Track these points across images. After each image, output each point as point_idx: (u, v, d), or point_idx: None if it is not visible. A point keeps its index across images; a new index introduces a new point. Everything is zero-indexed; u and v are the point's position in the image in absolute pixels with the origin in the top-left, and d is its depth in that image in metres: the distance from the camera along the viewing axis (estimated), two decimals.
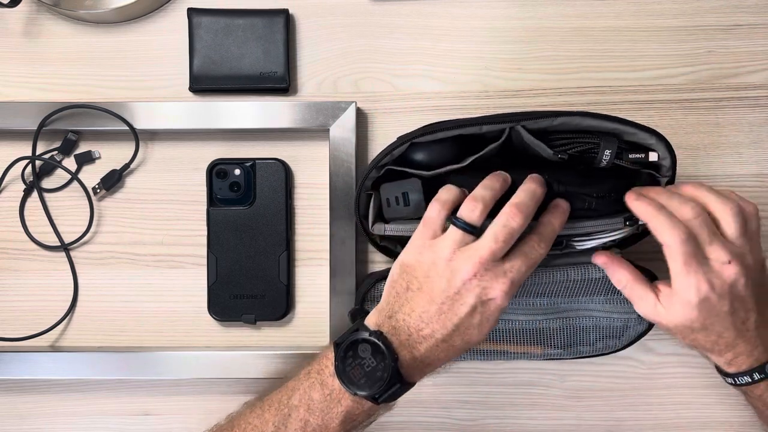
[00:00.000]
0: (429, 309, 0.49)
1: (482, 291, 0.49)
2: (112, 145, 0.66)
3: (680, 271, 0.49)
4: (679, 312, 0.50)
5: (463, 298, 0.49)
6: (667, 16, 0.67)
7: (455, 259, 0.49)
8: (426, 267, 0.50)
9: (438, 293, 0.49)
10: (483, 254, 0.48)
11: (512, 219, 0.49)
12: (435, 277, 0.49)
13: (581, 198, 0.53)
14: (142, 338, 0.66)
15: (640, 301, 0.53)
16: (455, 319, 0.49)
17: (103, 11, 0.65)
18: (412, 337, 0.49)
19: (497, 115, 0.54)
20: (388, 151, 0.54)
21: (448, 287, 0.49)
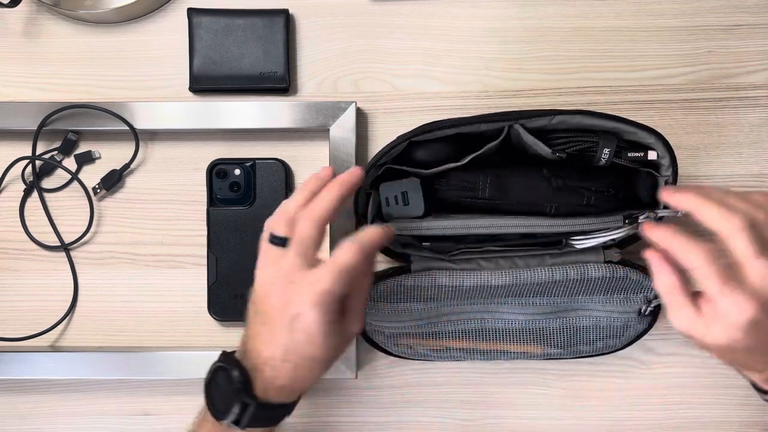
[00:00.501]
0: (262, 332, 0.48)
1: (290, 306, 0.47)
2: (112, 145, 0.66)
3: (719, 292, 0.42)
4: (722, 334, 0.43)
5: (278, 318, 0.47)
6: (667, 16, 0.67)
7: (270, 280, 0.48)
8: (259, 290, 0.49)
9: (265, 315, 0.48)
10: (286, 267, 0.47)
11: (302, 224, 0.48)
12: (263, 299, 0.49)
13: (579, 193, 0.54)
14: (142, 338, 0.66)
15: (678, 312, 0.45)
16: (280, 338, 0.47)
17: (103, 11, 0.65)
18: (259, 360, 0.48)
19: (495, 113, 0.54)
20: (387, 150, 0.55)
21: (271, 308, 0.48)
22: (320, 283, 0.46)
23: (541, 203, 0.54)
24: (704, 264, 0.43)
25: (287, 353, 0.48)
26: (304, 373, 0.49)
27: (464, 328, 0.61)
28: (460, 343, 0.61)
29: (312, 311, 0.46)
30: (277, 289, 0.47)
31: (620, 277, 0.58)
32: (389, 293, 0.59)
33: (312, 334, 0.47)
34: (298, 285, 0.47)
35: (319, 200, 0.49)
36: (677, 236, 0.45)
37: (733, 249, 0.43)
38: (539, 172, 0.54)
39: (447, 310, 0.60)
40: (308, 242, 0.48)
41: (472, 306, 0.60)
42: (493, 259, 0.59)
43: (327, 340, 0.47)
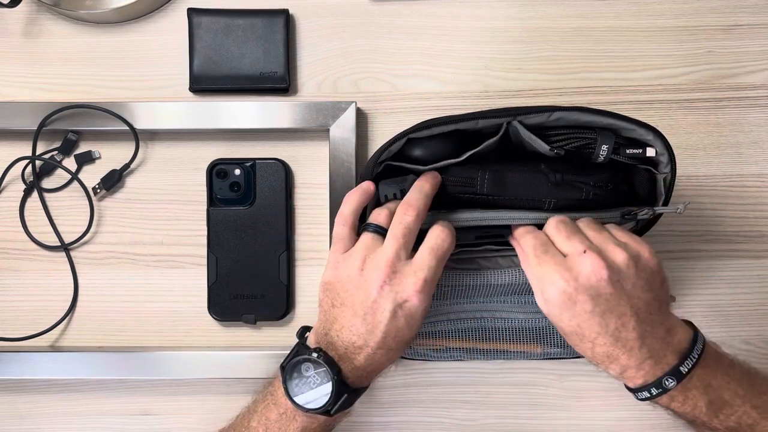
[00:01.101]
0: (354, 322, 0.49)
1: (396, 295, 0.48)
2: (112, 145, 0.66)
3: (534, 263, 0.48)
4: (546, 309, 0.48)
5: (381, 305, 0.48)
6: (667, 16, 0.67)
7: (366, 268, 0.49)
8: (344, 281, 0.50)
9: (359, 306, 0.49)
10: (388, 256, 0.48)
11: (405, 215, 0.49)
12: (353, 290, 0.50)
13: (578, 187, 0.53)
14: (142, 338, 0.66)
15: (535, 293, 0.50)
16: (381, 327, 0.49)
17: (103, 11, 0.65)
18: (348, 350, 0.50)
19: (494, 110, 0.54)
20: (386, 147, 0.54)
21: (366, 298, 0.49)
22: (424, 270, 0.48)
23: (539, 198, 0.54)
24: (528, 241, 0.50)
25: (386, 340, 0.49)
26: (394, 356, 0.51)
27: (464, 328, 0.61)
28: (459, 343, 0.61)
29: (418, 297, 0.48)
30: (377, 278, 0.48)
31: None
32: None
33: (415, 320, 0.49)
34: (404, 274, 0.48)
35: (419, 194, 0.51)
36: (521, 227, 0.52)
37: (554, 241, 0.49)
38: (537, 167, 0.54)
39: (446, 309, 0.60)
40: (414, 232, 0.50)
41: (472, 305, 0.60)
42: (493, 258, 0.58)
43: (420, 326, 0.50)
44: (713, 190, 0.66)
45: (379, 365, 0.51)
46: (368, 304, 0.49)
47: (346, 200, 0.52)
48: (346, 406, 0.50)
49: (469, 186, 0.54)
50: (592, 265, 0.46)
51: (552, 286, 0.47)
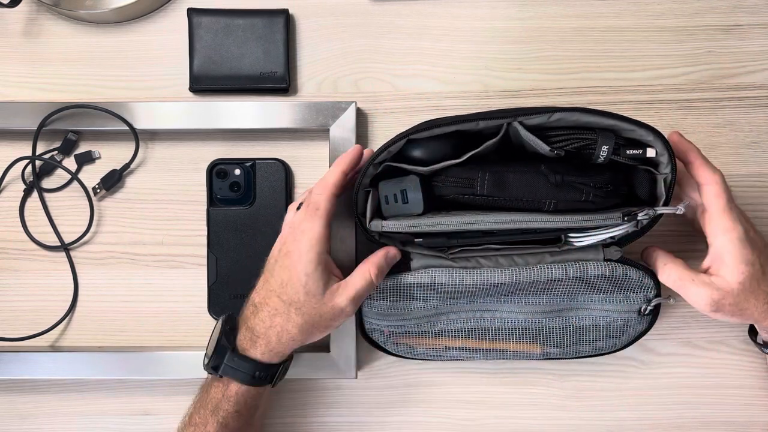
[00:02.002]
0: (259, 281, 0.55)
1: (284, 247, 0.54)
2: (112, 145, 0.66)
3: (724, 207, 0.52)
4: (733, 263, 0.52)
5: (275, 258, 0.54)
6: (667, 16, 0.67)
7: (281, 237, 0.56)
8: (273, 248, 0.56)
9: (267, 264, 0.55)
10: (294, 221, 0.54)
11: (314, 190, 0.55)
12: (272, 254, 0.55)
13: (578, 189, 0.53)
14: (142, 338, 0.66)
15: (695, 285, 0.53)
16: (271, 279, 0.54)
17: (103, 11, 0.65)
18: (248, 310, 0.55)
19: (494, 110, 0.54)
20: (386, 148, 0.55)
21: (270, 256, 0.55)
22: (302, 224, 0.54)
23: (540, 199, 0.54)
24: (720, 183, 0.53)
25: (270, 294, 0.53)
26: (280, 321, 0.53)
27: (464, 327, 0.61)
28: (459, 342, 0.61)
29: (295, 246, 0.53)
30: (281, 239, 0.55)
31: (620, 275, 0.58)
32: (388, 291, 0.59)
33: (294, 271, 0.52)
34: (295, 231, 0.54)
35: (327, 172, 0.56)
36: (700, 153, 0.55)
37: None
38: (537, 168, 0.54)
39: (446, 309, 0.60)
40: (312, 202, 0.54)
41: (472, 305, 0.60)
42: (493, 258, 0.58)
43: (307, 283, 0.52)
44: None
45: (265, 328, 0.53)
46: (270, 261, 0.55)
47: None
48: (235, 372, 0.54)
49: (469, 187, 0.54)
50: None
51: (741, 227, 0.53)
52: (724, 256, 0.53)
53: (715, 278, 0.53)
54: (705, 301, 0.53)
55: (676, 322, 0.66)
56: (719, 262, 0.53)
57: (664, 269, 0.56)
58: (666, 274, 0.55)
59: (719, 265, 0.53)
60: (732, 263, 0.52)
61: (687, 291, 0.54)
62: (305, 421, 0.67)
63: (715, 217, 0.53)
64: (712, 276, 0.53)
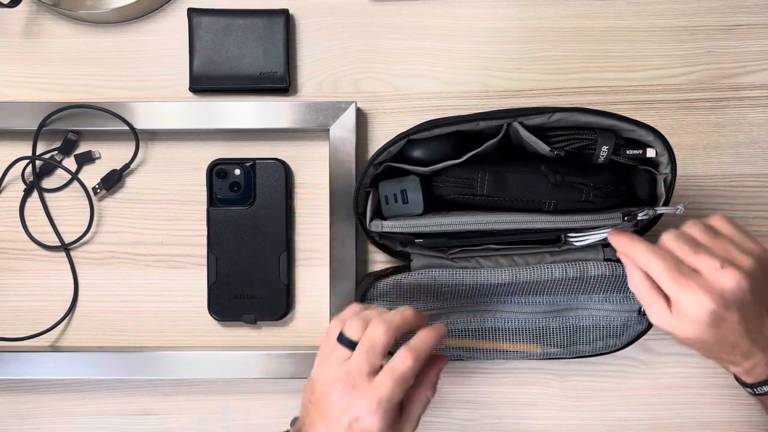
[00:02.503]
0: (318, 424, 0.50)
1: (351, 409, 0.49)
2: (112, 145, 0.66)
3: (674, 289, 0.47)
4: (689, 328, 0.47)
5: (339, 415, 0.49)
6: (667, 16, 0.67)
7: (332, 379, 0.50)
8: (320, 382, 0.51)
9: (323, 410, 0.50)
10: (351, 370, 0.49)
11: (375, 328, 0.50)
12: (324, 393, 0.50)
13: (578, 189, 0.53)
14: (142, 338, 0.66)
15: (651, 308, 0.49)
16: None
17: (103, 11, 0.65)
18: None
19: (494, 111, 0.54)
20: (386, 148, 0.55)
21: (330, 404, 0.50)
22: (381, 391, 0.48)
23: (540, 200, 0.54)
24: (658, 264, 0.47)
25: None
26: None
27: (464, 327, 0.61)
28: (460, 342, 0.61)
29: (372, 417, 0.48)
30: (338, 390, 0.49)
31: (619, 275, 0.58)
32: (389, 291, 0.59)
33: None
34: (361, 390, 0.49)
35: (397, 315, 0.51)
36: (636, 244, 0.49)
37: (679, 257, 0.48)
38: (537, 169, 0.54)
39: (446, 310, 0.60)
40: (379, 349, 0.49)
41: (472, 305, 0.60)
42: (493, 258, 0.59)
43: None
44: (713, 190, 0.66)
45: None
46: (329, 411, 0.49)
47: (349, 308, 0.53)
48: None
49: (469, 187, 0.55)
50: (735, 279, 0.46)
51: (698, 307, 0.46)
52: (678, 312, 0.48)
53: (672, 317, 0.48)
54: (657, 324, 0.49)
55: None
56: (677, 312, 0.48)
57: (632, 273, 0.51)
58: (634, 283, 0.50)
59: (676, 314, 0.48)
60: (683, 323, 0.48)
61: (646, 308, 0.50)
62: None
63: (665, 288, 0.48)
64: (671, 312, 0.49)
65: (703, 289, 0.46)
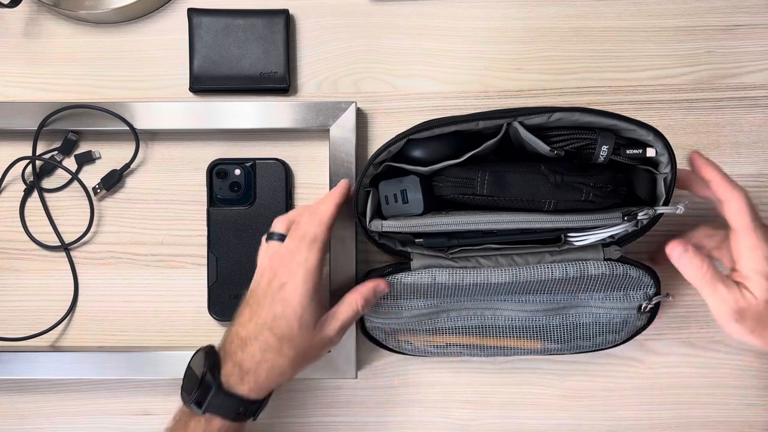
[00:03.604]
0: (244, 312, 0.52)
1: (275, 281, 0.50)
2: (112, 145, 0.66)
3: (750, 225, 0.50)
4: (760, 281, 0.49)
5: (264, 293, 0.51)
6: (667, 16, 0.67)
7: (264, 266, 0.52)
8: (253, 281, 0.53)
9: (252, 296, 0.52)
10: (282, 252, 0.51)
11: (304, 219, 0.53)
12: (255, 286, 0.52)
13: (578, 188, 0.53)
14: (142, 338, 0.66)
15: (726, 288, 0.50)
16: (261, 314, 0.51)
17: (103, 11, 0.65)
18: (234, 344, 0.51)
19: (494, 111, 0.54)
20: (386, 148, 0.55)
21: (257, 288, 0.51)
22: (299, 256, 0.51)
23: (540, 199, 0.54)
24: (743, 199, 0.51)
25: (261, 329, 0.50)
26: (271, 357, 0.51)
27: (464, 324, 0.61)
28: (460, 339, 0.61)
29: (293, 280, 0.50)
30: (269, 271, 0.51)
31: (620, 274, 0.58)
32: (389, 291, 0.59)
33: (290, 306, 0.50)
34: (286, 261, 0.51)
35: (321, 202, 0.54)
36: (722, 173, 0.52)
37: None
38: (537, 168, 0.54)
39: (447, 307, 0.60)
40: (308, 233, 0.52)
41: (473, 302, 0.60)
42: (493, 257, 0.59)
43: (303, 317, 0.50)
44: None
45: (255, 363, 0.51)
46: (257, 294, 0.52)
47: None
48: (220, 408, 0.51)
49: (468, 187, 0.55)
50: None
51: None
52: (750, 273, 0.50)
53: (743, 289, 0.50)
54: (730, 306, 0.50)
55: (676, 322, 0.66)
56: (746, 279, 0.51)
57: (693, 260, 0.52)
58: (695, 266, 0.51)
59: (746, 282, 0.51)
60: (759, 281, 0.50)
61: (713, 290, 0.51)
62: (305, 420, 0.67)
63: (741, 234, 0.51)
64: (740, 287, 0.51)
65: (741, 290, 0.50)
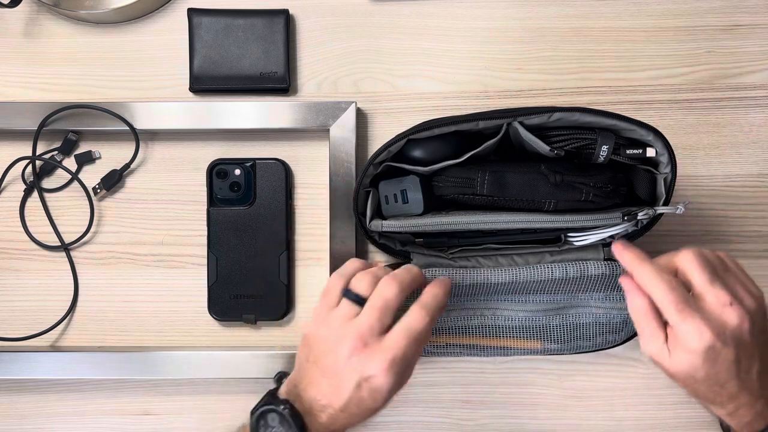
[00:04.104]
0: (321, 382, 0.50)
1: (362, 369, 0.48)
2: (112, 145, 0.66)
3: (677, 319, 0.46)
4: (683, 360, 0.46)
5: (346, 375, 0.48)
6: (667, 16, 0.67)
7: (338, 335, 0.49)
8: (320, 340, 0.50)
9: (327, 368, 0.49)
10: (361, 328, 0.48)
11: (387, 287, 0.49)
12: (325, 352, 0.50)
13: (578, 188, 0.53)
14: (142, 338, 0.66)
15: (648, 338, 0.48)
16: (345, 394, 0.48)
17: (103, 11, 0.65)
18: (314, 407, 0.50)
19: (494, 110, 0.54)
20: (386, 148, 0.55)
21: (335, 363, 0.49)
22: (394, 350, 0.48)
23: (540, 199, 0.54)
24: (665, 293, 0.46)
25: (349, 406, 0.49)
26: (359, 419, 0.50)
27: (465, 325, 0.61)
28: (460, 339, 0.61)
29: (385, 376, 0.48)
30: (346, 348, 0.48)
31: (620, 274, 0.58)
32: None
33: (381, 394, 0.48)
34: (372, 349, 0.48)
35: (408, 273, 0.51)
36: (643, 263, 0.48)
37: (692, 279, 0.47)
38: (537, 168, 0.54)
39: (447, 307, 0.60)
40: (391, 308, 0.49)
41: (472, 303, 0.60)
42: (493, 257, 0.59)
43: (391, 398, 0.49)
44: (713, 190, 0.66)
45: (342, 426, 0.50)
46: (335, 370, 0.49)
47: (349, 263, 0.53)
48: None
49: (468, 187, 0.55)
50: (740, 317, 0.46)
51: (697, 340, 0.45)
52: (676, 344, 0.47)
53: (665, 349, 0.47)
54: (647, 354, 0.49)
55: None
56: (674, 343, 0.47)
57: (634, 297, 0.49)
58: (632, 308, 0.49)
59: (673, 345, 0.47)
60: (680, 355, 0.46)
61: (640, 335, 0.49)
62: None
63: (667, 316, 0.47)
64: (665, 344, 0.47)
65: (706, 322, 0.45)
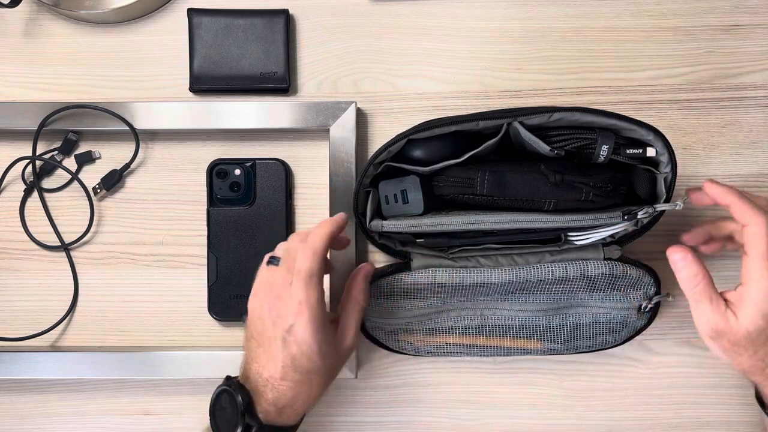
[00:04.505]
0: (259, 353, 0.50)
1: (282, 321, 0.48)
2: (112, 145, 0.66)
3: (764, 254, 0.46)
4: (749, 319, 0.47)
5: (273, 334, 0.49)
6: (667, 16, 0.67)
7: (261, 300, 0.50)
8: (252, 313, 0.51)
9: (260, 337, 0.50)
10: (275, 284, 0.49)
11: (291, 241, 0.51)
12: (255, 321, 0.50)
13: (578, 188, 0.53)
14: (142, 338, 0.66)
15: (708, 304, 0.49)
16: (278, 357, 0.49)
17: (103, 11, 0.65)
18: (259, 383, 0.50)
19: (494, 111, 0.54)
20: (386, 148, 0.55)
21: (263, 329, 0.49)
22: (297, 293, 0.48)
23: (540, 199, 0.54)
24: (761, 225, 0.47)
25: (285, 370, 0.49)
26: (304, 390, 0.50)
27: (465, 325, 0.61)
28: (460, 339, 0.61)
29: (300, 321, 0.48)
30: (267, 308, 0.49)
31: (620, 274, 0.58)
32: (389, 290, 0.59)
33: (305, 345, 0.48)
34: (284, 299, 0.49)
35: (314, 231, 0.52)
36: (742, 196, 0.49)
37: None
38: (537, 168, 0.54)
39: (447, 307, 0.60)
40: (302, 269, 0.49)
41: (473, 302, 0.60)
42: (493, 257, 0.59)
43: (321, 349, 0.49)
44: None
45: (290, 399, 0.50)
46: (265, 335, 0.49)
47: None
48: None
49: (468, 187, 0.55)
50: None
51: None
52: (747, 299, 0.48)
53: (729, 312, 0.49)
54: (708, 325, 0.49)
55: (675, 322, 0.66)
56: (740, 303, 0.49)
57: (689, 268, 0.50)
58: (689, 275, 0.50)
59: (739, 305, 0.49)
60: (751, 311, 0.48)
61: (698, 305, 0.50)
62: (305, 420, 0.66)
63: (752, 260, 0.48)
64: (728, 308, 0.50)
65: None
